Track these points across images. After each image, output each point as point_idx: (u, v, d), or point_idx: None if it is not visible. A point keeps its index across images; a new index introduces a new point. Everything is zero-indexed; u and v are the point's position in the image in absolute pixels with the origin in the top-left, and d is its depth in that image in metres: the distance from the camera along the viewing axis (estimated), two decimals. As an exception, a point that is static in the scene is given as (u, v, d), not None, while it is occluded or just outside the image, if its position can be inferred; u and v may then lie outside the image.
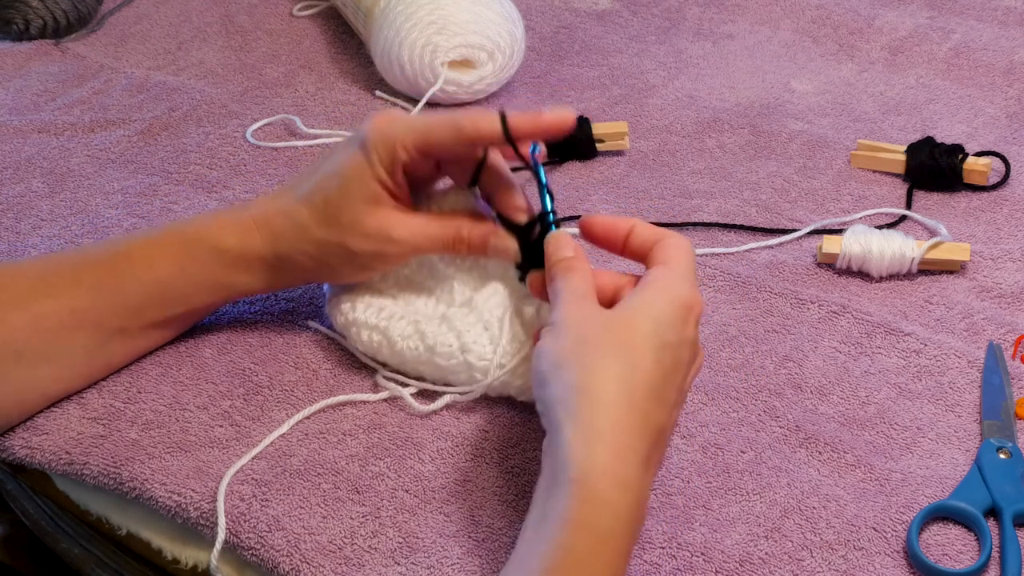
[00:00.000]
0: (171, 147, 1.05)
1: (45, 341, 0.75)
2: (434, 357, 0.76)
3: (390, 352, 0.78)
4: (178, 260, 0.77)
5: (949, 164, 0.95)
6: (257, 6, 1.28)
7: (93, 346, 0.77)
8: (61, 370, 0.77)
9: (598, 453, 0.61)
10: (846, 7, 1.23)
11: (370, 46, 1.11)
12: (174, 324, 0.81)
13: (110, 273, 0.77)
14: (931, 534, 0.70)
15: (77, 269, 0.77)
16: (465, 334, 0.75)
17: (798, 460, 0.74)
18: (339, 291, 0.81)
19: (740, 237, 0.93)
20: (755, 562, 0.68)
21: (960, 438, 0.75)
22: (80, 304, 0.76)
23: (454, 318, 0.76)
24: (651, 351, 0.64)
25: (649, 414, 0.63)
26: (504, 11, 1.08)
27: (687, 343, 0.66)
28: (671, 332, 0.65)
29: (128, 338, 0.79)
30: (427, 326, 0.77)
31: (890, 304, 0.86)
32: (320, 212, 0.75)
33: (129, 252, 0.78)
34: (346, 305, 0.79)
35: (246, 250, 0.77)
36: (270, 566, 0.70)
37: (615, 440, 0.61)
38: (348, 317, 0.79)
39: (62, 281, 0.76)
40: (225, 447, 0.76)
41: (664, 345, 0.64)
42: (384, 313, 0.78)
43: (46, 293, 0.76)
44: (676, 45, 1.19)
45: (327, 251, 0.76)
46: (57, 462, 0.76)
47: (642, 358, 0.63)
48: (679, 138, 1.05)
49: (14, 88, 1.15)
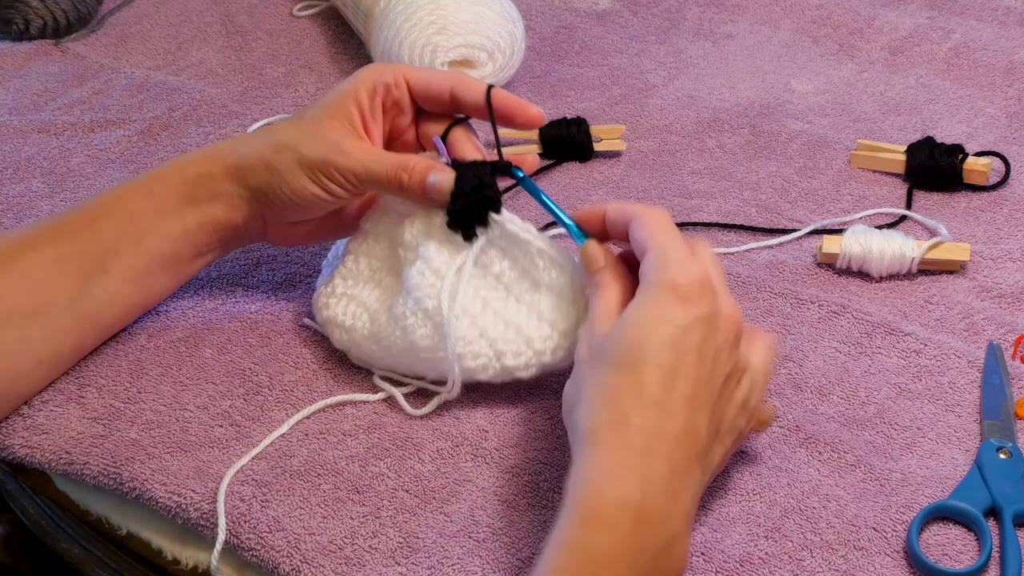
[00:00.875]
0: (171, 147, 1.05)
1: (31, 295, 0.76)
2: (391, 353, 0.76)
3: (358, 352, 0.79)
4: (146, 186, 0.79)
5: (949, 164, 0.95)
6: (257, 6, 1.28)
7: (76, 294, 0.78)
8: (49, 325, 0.77)
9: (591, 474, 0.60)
10: (846, 7, 1.23)
11: (370, 46, 1.11)
12: (156, 266, 0.80)
13: (86, 218, 0.79)
14: (931, 534, 0.70)
15: (57, 223, 0.79)
16: (411, 330, 0.74)
17: (798, 460, 0.74)
18: (321, 286, 0.81)
19: (740, 237, 0.93)
20: (755, 562, 0.68)
21: (960, 438, 0.75)
22: (61, 252, 0.77)
23: (398, 313, 0.75)
24: (644, 359, 0.62)
25: (652, 424, 0.61)
26: (504, 11, 1.08)
27: (691, 328, 0.62)
28: (664, 328, 0.62)
29: (111, 281, 0.79)
30: (380, 323, 0.77)
31: (890, 304, 0.86)
32: (292, 122, 0.79)
33: (105, 197, 0.80)
34: (322, 303, 0.80)
35: (210, 163, 0.79)
36: (270, 566, 0.70)
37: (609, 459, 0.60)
38: (323, 314, 0.80)
39: (44, 234, 0.79)
40: (225, 447, 0.76)
41: (661, 345, 0.62)
42: (351, 309, 0.78)
43: (29, 247, 0.78)
44: (676, 45, 1.19)
45: (282, 156, 0.76)
46: (57, 462, 0.76)
47: (634, 371, 0.62)
48: (679, 138, 1.05)
49: (14, 88, 1.15)
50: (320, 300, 0.80)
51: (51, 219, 0.80)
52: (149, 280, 0.81)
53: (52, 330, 0.78)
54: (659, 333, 0.62)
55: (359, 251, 0.80)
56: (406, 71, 0.78)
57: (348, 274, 0.80)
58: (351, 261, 0.80)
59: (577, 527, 0.59)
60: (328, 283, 0.80)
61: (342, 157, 0.75)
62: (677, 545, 0.61)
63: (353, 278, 0.80)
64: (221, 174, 0.78)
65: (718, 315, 0.64)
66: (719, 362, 0.64)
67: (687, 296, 0.63)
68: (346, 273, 0.80)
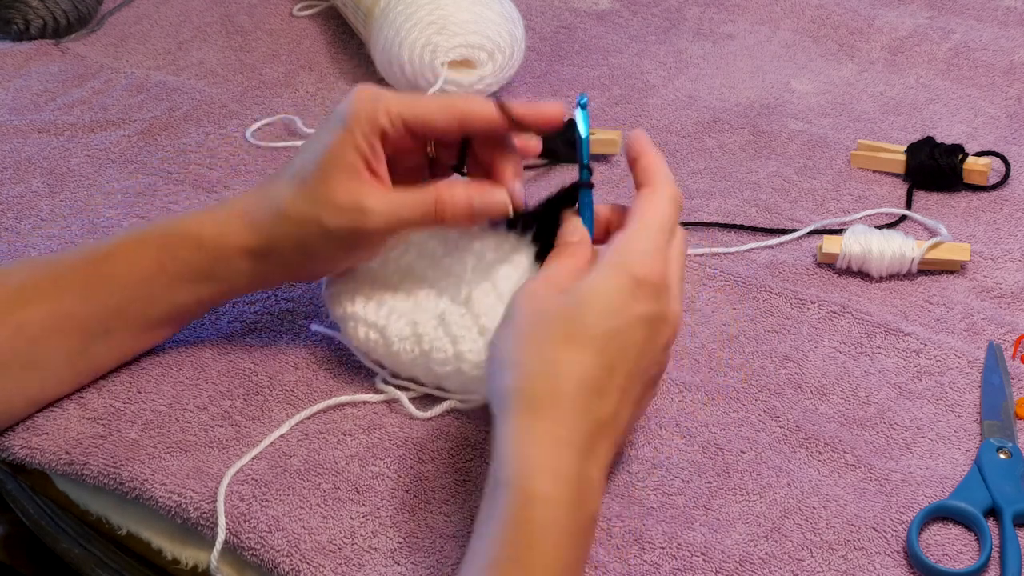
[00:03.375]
0: (171, 147, 1.05)
1: (28, 349, 0.75)
2: (429, 362, 0.75)
3: (385, 352, 0.77)
4: (158, 256, 0.75)
5: (949, 164, 0.95)
6: (257, 6, 1.28)
7: (76, 351, 0.76)
8: (45, 377, 0.76)
9: (529, 449, 0.61)
10: (846, 7, 1.23)
11: (370, 46, 1.11)
12: (162, 325, 0.79)
13: (91, 275, 0.76)
14: (931, 534, 0.70)
15: (58, 273, 0.76)
16: (461, 341, 0.73)
17: (798, 460, 0.74)
18: (338, 281, 0.78)
19: (740, 237, 0.93)
20: (755, 562, 0.68)
21: (960, 438, 0.75)
22: (62, 309, 0.75)
23: (451, 321, 0.74)
24: (591, 343, 0.62)
25: (589, 407, 0.62)
26: (504, 11, 1.08)
27: (638, 324, 0.64)
28: (615, 318, 0.63)
29: (113, 340, 0.78)
30: (425, 328, 0.75)
31: (890, 304, 0.86)
32: (298, 188, 0.73)
33: (110, 252, 0.76)
34: (345, 296, 0.77)
35: (226, 241, 0.75)
36: (270, 566, 0.70)
37: (548, 435, 0.61)
38: (347, 309, 0.77)
39: (43, 287, 0.75)
40: (225, 447, 0.76)
41: (609, 334, 0.63)
42: (383, 310, 0.76)
43: (27, 300, 0.75)
44: (676, 45, 1.19)
45: (304, 231, 0.73)
46: (57, 462, 0.76)
47: (581, 352, 0.62)
48: (679, 138, 1.05)
49: (14, 88, 1.15)
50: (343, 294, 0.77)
51: (53, 262, 0.78)
52: (154, 334, 0.80)
53: (49, 381, 0.77)
54: (610, 321, 0.63)
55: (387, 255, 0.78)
56: (402, 111, 0.71)
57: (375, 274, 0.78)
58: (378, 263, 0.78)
59: (516, 502, 0.60)
60: (350, 279, 0.78)
61: (369, 219, 0.71)
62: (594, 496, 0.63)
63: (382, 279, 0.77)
64: (240, 254, 0.75)
65: (664, 318, 0.65)
66: (651, 362, 0.66)
67: (645, 291, 0.64)
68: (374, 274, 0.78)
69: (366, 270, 0.78)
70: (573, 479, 0.61)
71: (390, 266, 0.78)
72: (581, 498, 0.61)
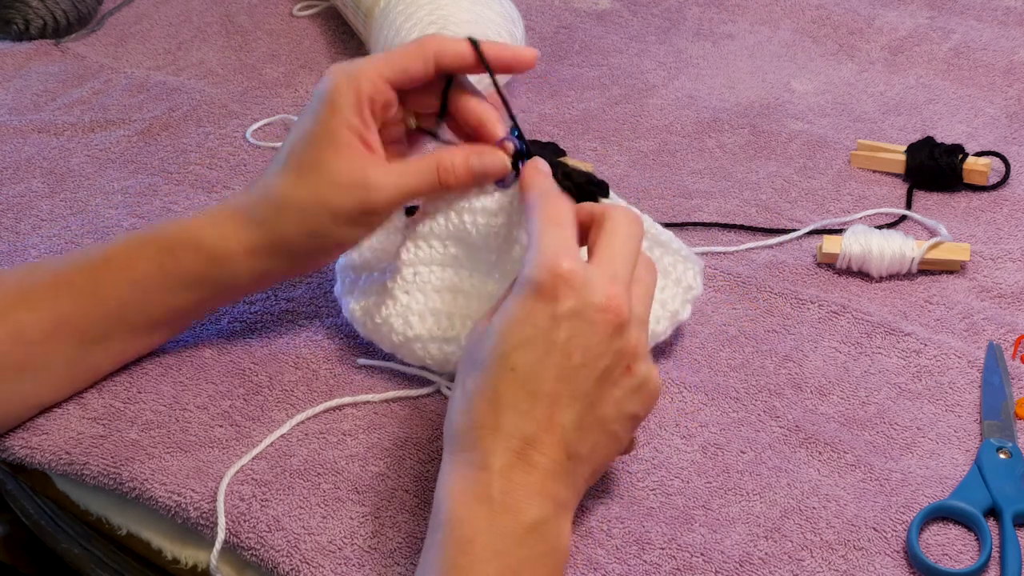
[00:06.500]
0: (171, 147, 1.05)
1: (25, 354, 0.74)
2: None
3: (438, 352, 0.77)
4: (156, 259, 0.75)
5: (949, 164, 0.95)
6: (257, 6, 1.28)
7: (75, 356, 0.76)
8: (43, 382, 0.76)
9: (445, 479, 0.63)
10: (846, 7, 1.23)
11: (370, 46, 1.11)
12: (161, 329, 0.79)
13: (89, 279, 0.75)
14: (931, 534, 0.70)
15: (56, 278, 0.76)
16: None
17: (798, 460, 0.74)
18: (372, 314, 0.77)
19: (740, 237, 0.93)
20: (755, 562, 0.68)
21: (960, 438, 0.75)
22: (60, 313, 0.75)
23: None
24: (498, 361, 0.62)
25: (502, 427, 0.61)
26: (504, 11, 1.08)
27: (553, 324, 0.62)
28: (520, 328, 0.62)
29: (112, 344, 0.77)
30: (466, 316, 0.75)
31: (890, 304, 0.86)
32: (294, 177, 0.72)
33: (108, 256, 0.76)
34: (396, 324, 0.76)
35: (226, 243, 0.75)
36: (270, 566, 0.70)
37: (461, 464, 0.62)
38: (407, 335, 0.77)
39: (41, 291, 0.75)
40: (225, 447, 0.76)
41: (516, 346, 0.62)
42: (445, 323, 0.76)
43: (25, 305, 0.75)
44: (676, 45, 1.19)
45: (311, 218, 0.73)
46: (57, 462, 0.76)
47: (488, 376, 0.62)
48: (679, 138, 1.05)
49: (14, 88, 1.15)
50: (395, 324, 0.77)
51: (51, 266, 0.78)
52: (153, 338, 0.80)
53: (47, 385, 0.77)
54: (517, 335, 0.62)
55: (417, 261, 0.77)
56: (379, 70, 0.71)
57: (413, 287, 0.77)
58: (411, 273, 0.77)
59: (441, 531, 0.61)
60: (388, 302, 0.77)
61: (375, 193, 0.71)
62: (545, 528, 0.62)
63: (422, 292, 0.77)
64: (241, 255, 0.75)
65: (588, 307, 0.62)
66: (592, 355, 0.63)
67: (550, 294, 0.62)
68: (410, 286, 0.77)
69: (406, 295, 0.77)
70: (486, 496, 0.60)
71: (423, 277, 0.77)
72: (505, 508, 0.60)
